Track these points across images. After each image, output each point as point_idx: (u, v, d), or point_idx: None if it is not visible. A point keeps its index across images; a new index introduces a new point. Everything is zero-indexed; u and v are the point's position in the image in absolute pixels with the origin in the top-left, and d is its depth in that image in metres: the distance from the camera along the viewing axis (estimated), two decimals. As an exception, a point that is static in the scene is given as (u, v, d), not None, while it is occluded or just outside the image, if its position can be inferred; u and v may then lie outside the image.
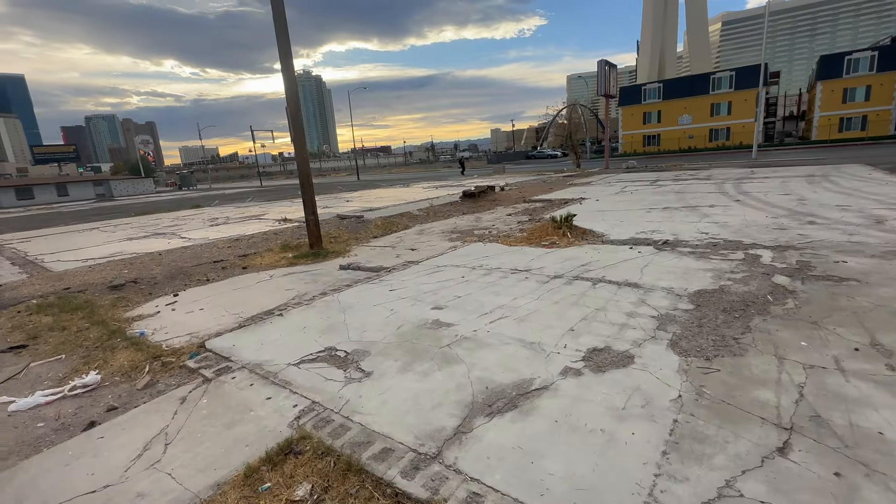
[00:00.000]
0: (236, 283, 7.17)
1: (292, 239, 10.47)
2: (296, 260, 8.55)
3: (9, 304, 6.46)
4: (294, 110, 8.49)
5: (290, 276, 7.31)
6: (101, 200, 45.26)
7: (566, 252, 6.83)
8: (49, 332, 5.24)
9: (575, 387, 2.96)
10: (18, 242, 13.61)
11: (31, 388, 3.87)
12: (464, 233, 10.09)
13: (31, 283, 7.72)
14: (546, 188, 18.93)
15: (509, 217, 11.90)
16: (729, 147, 53.74)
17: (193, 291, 6.90)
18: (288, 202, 22.03)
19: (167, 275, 7.86)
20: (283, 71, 8.40)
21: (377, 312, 4.73)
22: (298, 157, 8.75)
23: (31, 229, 18.08)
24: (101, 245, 11.54)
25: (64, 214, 26.61)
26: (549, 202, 14.07)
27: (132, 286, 7.28)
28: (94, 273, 8.06)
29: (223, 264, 8.50)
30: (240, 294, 6.39)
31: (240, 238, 10.80)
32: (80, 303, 6.37)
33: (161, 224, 15.78)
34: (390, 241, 9.85)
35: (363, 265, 7.34)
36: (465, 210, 14.22)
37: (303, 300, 5.60)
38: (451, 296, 5.07)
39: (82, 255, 10.20)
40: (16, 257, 10.82)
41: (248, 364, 3.72)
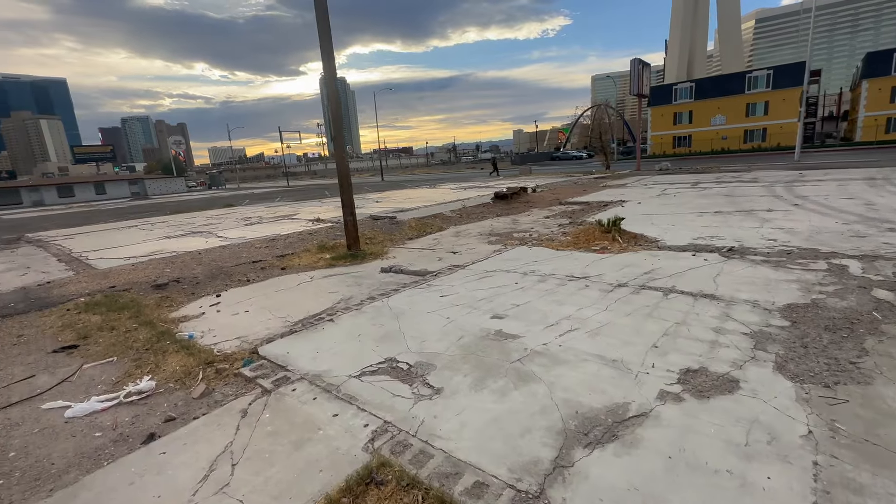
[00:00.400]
0: (277, 284, 7.06)
1: (328, 239, 10.36)
2: (334, 261, 8.41)
3: (58, 302, 6.50)
4: (335, 109, 8.36)
5: (331, 278, 7.15)
6: (136, 199, 46.81)
7: (622, 258, 6.43)
8: (99, 331, 5.19)
9: (679, 415, 2.62)
10: (63, 239, 13.99)
11: (86, 391, 3.76)
12: (502, 235, 9.78)
13: (77, 280, 7.80)
14: (579, 190, 18.41)
15: (547, 220, 11.52)
16: (765, 149, 51.66)
17: (235, 292, 6.82)
18: (317, 202, 22.14)
19: (208, 274, 7.83)
20: (324, 70, 8.28)
21: (432, 320, 4.47)
22: (337, 157, 8.61)
23: (73, 226, 18.66)
24: (141, 243, 11.71)
25: (103, 212, 27.51)
26: (587, 205, 13.60)
27: (175, 285, 7.25)
28: (138, 271, 8.09)
29: (262, 265, 8.42)
30: (283, 296, 6.25)
31: (275, 238, 10.76)
32: (126, 302, 6.35)
33: (196, 223, 16.00)
34: (427, 244, 9.62)
35: (406, 268, 7.11)
36: (499, 212, 13.89)
37: (350, 305, 5.40)
38: (509, 304, 4.77)
39: (124, 252, 10.34)
40: (61, 254, 11.07)
41: (307, 375, 3.51)
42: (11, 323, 5.70)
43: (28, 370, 4.28)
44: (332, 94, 8.32)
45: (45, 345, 4.93)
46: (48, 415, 3.39)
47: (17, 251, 12.29)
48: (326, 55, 8.17)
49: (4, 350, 4.84)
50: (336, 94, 8.38)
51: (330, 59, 8.21)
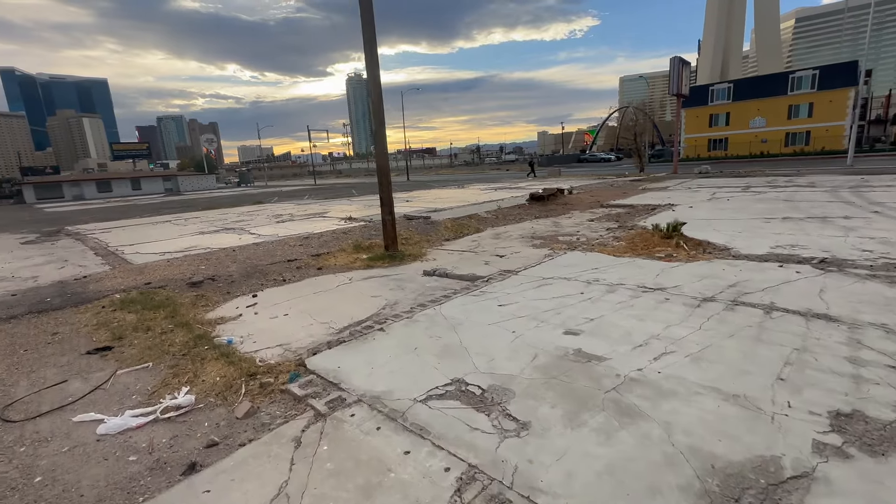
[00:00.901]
0: (315, 285, 6.68)
1: (363, 239, 9.99)
2: (372, 262, 8.01)
3: (93, 298, 6.29)
4: (376, 104, 7.96)
5: (371, 280, 6.73)
6: (169, 195, 48.07)
7: (695, 268, 5.77)
8: (133, 332, 4.90)
9: (856, 480, 2.03)
10: (100, 233, 14.13)
11: (120, 402, 3.41)
12: (547, 239, 9.18)
13: (113, 275, 7.63)
14: (618, 193, 17.57)
15: (592, 223, 10.84)
16: (808, 153, 49.12)
17: (271, 292, 6.48)
18: (346, 201, 21.96)
19: (243, 273, 7.54)
20: (367, 66, 7.88)
21: (496, 334, 3.96)
22: (378, 153, 8.21)
23: (110, 220, 18.99)
24: (176, 238, 11.62)
25: (138, 207, 28.13)
26: (631, 208, 12.84)
27: (210, 284, 6.97)
28: (173, 268, 7.88)
29: (297, 264, 8.09)
30: (323, 299, 5.86)
31: (309, 236, 10.47)
32: (161, 300, 6.08)
33: (228, 219, 15.97)
34: (467, 246, 9.12)
35: (451, 272, 6.62)
36: (537, 214, 13.27)
37: (398, 311, 4.94)
38: (581, 317, 4.22)
39: (159, 248, 10.23)
40: (98, 247, 11.07)
41: (365, 396, 3.05)
42: (47, 319, 5.48)
43: (61, 374, 3.98)
44: (375, 88, 7.92)
45: (80, 345, 4.66)
46: (79, 430, 3.04)
47: (56, 244, 12.42)
48: (369, 49, 7.77)
49: (38, 349, 4.58)
50: (378, 88, 7.98)
51: (373, 48, 7.81)
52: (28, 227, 18.12)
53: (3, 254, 11.08)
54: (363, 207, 17.12)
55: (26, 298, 6.46)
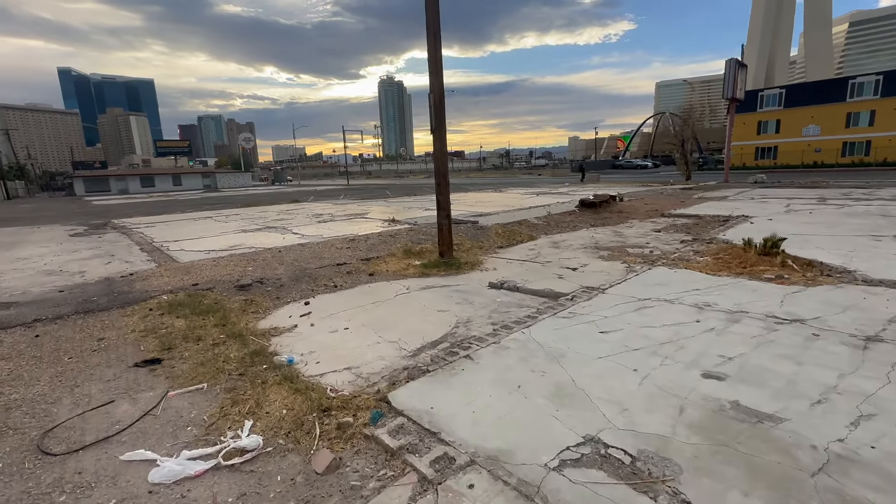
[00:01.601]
0: (370, 293, 6.12)
1: (412, 243, 9.40)
2: (426, 269, 7.39)
3: (140, 299, 5.91)
4: (437, 99, 7.36)
5: (432, 291, 6.11)
6: (207, 191, 49.32)
7: (825, 294, 4.85)
8: (184, 341, 4.42)
9: None
10: (145, 227, 14.15)
11: (173, 434, 2.88)
12: (613, 250, 8.35)
13: (159, 273, 7.30)
14: (674, 201, 16.42)
15: (660, 234, 9.90)
16: (869, 163, 45.92)
17: (324, 299, 5.95)
18: (382, 202, 21.57)
19: (292, 276, 7.06)
20: (430, 66, 7.31)
21: (614, 372, 3.23)
22: (437, 154, 7.60)
23: (153, 214, 19.23)
24: (219, 236, 11.38)
25: (180, 202, 28.70)
26: (698, 218, 11.78)
27: (258, 287, 6.52)
28: (219, 268, 7.49)
29: (347, 268, 7.57)
30: (383, 311, 5.26)
31: (355, 238, 9.97)
32: (210, 304, 5.63)
33: (268, 217, 15.77)
34: (525, 254, 8.40)
35: (522, 286, 5.91)
36: (591, 222, 12.39)
37: (477, 332, 4.28)
38: (713, 355, 3.43)
39: (203, 245, 9.96)
40: (143, 242, 10.93)
41: (478, 455, 2.38)
42: (94, 322, 5.10)
43: (107, 390, 3.51)
44: (437, 84, 7.32)
45: (127, 354, 4.21)
46: (128, 473, 2.50)
47: (103, 237, 12.43)
48: (433, 42, 7.19)
49: (84, 358, 4.15)
50: (440, 83, 7.38)
51: (436, 40, 7.23)
52: (77, 219, 18.53)
53: (53, 245, 11.10)
54: (403, 209, 16.62)
55: (73, 296, 6.15)
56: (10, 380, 3.74)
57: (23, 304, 5.82)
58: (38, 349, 4.36)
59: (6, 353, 4.27)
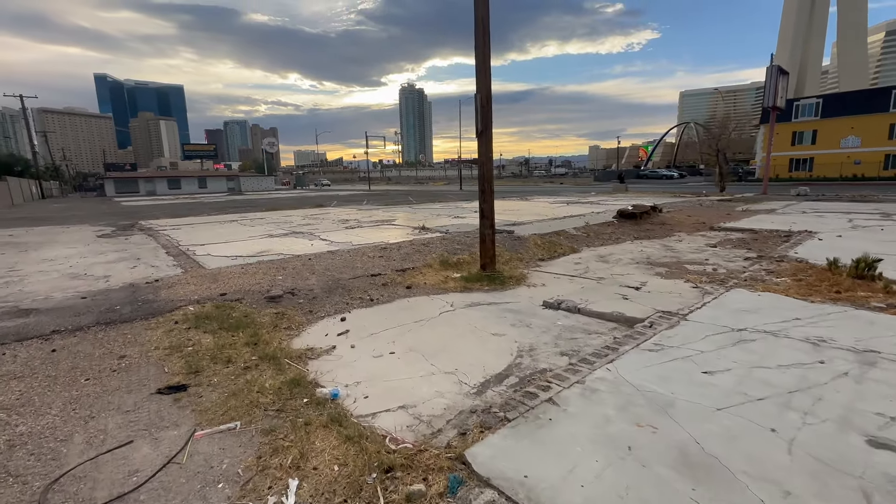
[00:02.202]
0: (411, 309, 5.55)
1: (448, 254, 8.83)
2: (469, 284, 6.80)
3: (165, 309, 5.47)
4: (485, 100, 6.81)
5: (479, 309, 5.50)
6: (232, 194, 49.98)
7: (959, 330, 4.06)
8: (212, 363, 3.92)
9: None
10: (171, 229, 13.97)
11: (202, 495, 2.33)
12: (670, 267, 7.61)
13: (185, 281, 6.89)
14: (719, 214, 15.48)
15: (716, 249, 9.09)
16: (915, 177, 43.51)
17: (361, 315, 5.41)
18: (407, 208, 21.13)
19: (324, 287, 6.55)
20: (476, 59, 6.77)
21: (747, 432, 2.55)
22: (482, 157, 7.04)
23: (179, 216, 19.20)
24: (245, 241, 11.03)
25: (205, 205, 28.90)
26: (753, 233, 10.89)
27: (290, 299, 6.02)
28: (248, 276, 7.04)
29: (382, 279, 7.03)
30: (429, 332, 4.69)
31: (386, 247, 9.46)
32: (239, 317, 5.15)
33: (294, 222, 15.46)
34: (572, 269, 7.73)
35: (582, 307, 5.25)
36: (635, 234, 11.62)
37: (547, 363, 3.66)
38: (869, 412, 2.72)
39: (229, 250, 9.59)
40: (169, 245, 10.66)
41: (609, 561, 1.75)
42: (115, 335, 4.66)
43: (125, 425, 3.00)
44: (484, 85, 6.78)
45: (149, 377, 3.72)
46: (146, 553, 1.96)
47: (130, 239, 12.25)
48: (482, 32, 6.66)
49: (102, 380, 3.68)
50: (488, 85, 6.83)
51: (486, 39, 6.69)
52: (105, 220, 18.62)
53: (80, 247, 10.92)
54: (431, 216, 16.10)
55: (96, 304, 5.76)
56: (20, 405, 3.28)
57: (43, 312, 5.45)
58: (53, 367, 3.91)
59: (19, 370, 3.84)
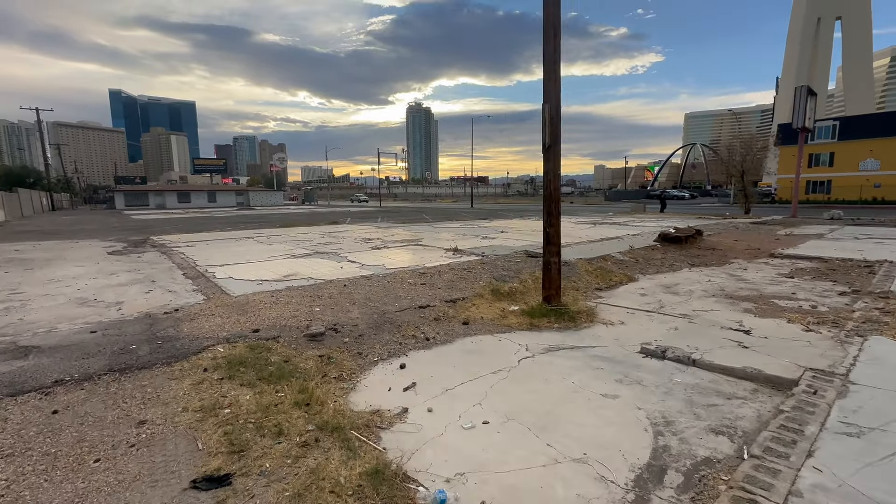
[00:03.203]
0: (477, 353, 4.65)
1: (497, 282, 7.93)
2: (535, 320, 5.87)
3: (190, 350, 4.58)
4: (554, 112, 6.01)
5: (562, 355, 4.58)
6: (241, 208, 49.58)
7: None
8: (258, 435, 3.01)
9: None
10: (185, 246, 13.19)
11: None
12: (755, 301, 6.67)
13: (209, 311, 6.01)
14: (766, 239, 14.54)
15: (795, 281, 8.14)
16: (938, 202, 42.47)
17: (421, 359, 4.51)
18: (426, 226, 20.34)
19: (370, 322, 5.66)
20: (545, 63, 6.02)
21: None
22: (548, 174, 6.20)
23: (192, 231, 18.48)
24: (267, 261, 10.20)
25: (216, 219, 28.28)
26: (821, 260, 9.94)
27: (333, 337, 5.13)
28: (280, 307, 6.16)
29: (432, 313, 6.13)
30: (518, 390, 3.77)
31: (425, 272, 8.57)
32: (279, 362, 4.26)
33: (314, 240, 14.65)
34: (641, 301, 6.80)
35: (698, 358, 4.31)
36: (688, 260, 10.69)
37: (705, 449, 2.72)
38: None
39: (252, 272, 8.74)
40: (186, 265, 9.83)
41: None
42: (132, 388, 3.76)
43: (151, 550, 2.08)
44: (555, 92, 6.00)
45: (178, 456, 2.81)
46: None
47: (142, 257, 11.45)
48: (552, 34, 5.91)
49: (117, 462, 2.77)
50: (558, 92, 6.05)
51: (556, 41, 5.94)
52: (115, 235, 17.92)
53: (89, 265, 10.12)
54: (457, 236, 15.25)
55: (108, 341, 4.88)
56: (5, 506, 2.37)
57: (45, 352, 4.57)
58: (54, 438, 3.01)
59: (9, 444, 2.94)
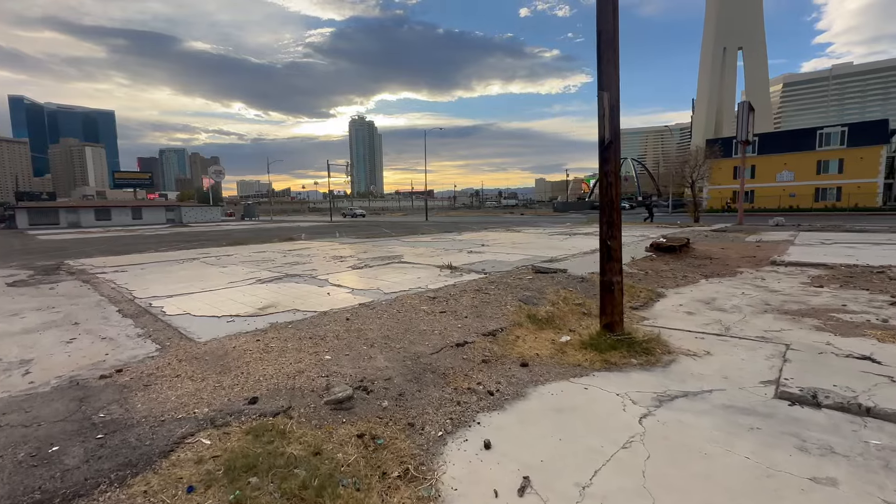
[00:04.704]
0: (574, 413, 3.43)
1: (527, 305, 6.75)
2: (606, 355, 4.75)
3: (157, 450, 2.90)
4: (615, 101, 5.03)
5: (689, 409, 3.48)
6: (174, 226, 44.81)
7: None
8: None
9: None
10: (113, 272, 10.75)
11: None
12: (815, 317, 6.06)
13: (172, 368, 4.24)
14: (748, 246, 14.71)
15: (828, 290, 7.75)
16: (842, 208, 47.79)
17: (501, 428, 3.22)
18: (395, 241, 18.85)
19: (404, 371, 4.23)
20: (602, 39, 5.05)
21: None
22: (607, 175, 5.18)
23: (119, 253, 15.60)
24: (229, 288, 8.29)
25: (146, 238, 24.77)
26: (828, 267, 9.84)
27: (363, 399, 3.66)
28: (274, 356, 4.52)
29: (475, 351, 4.83)
30: (681, 476, 2.59)
31: (435, 296, 7.20)
32: (307, 458, 2.76)
33: (276, 260, 12.67)
34: (701, 322, 5.96)
35: (871, 405, 3.37)
36: (696, 271, 10.21)
37: None
38: None
39: (215, 304, 6.89)
40: (120, 298, 7.67)
41: None
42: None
43: None
44: (615, 77, 5.03)
45: None
46: None
47: (57, 288, 8.99)
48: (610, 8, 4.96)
49: None
50: (617, 78, 5.09)
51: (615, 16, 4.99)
52: (19, 259, 14.64)
53: (-21, 303, 7.63)
54: (440, 251, 13.97)
55: (9, 441, 3.04)
56: None
57: None
58: None
59: None
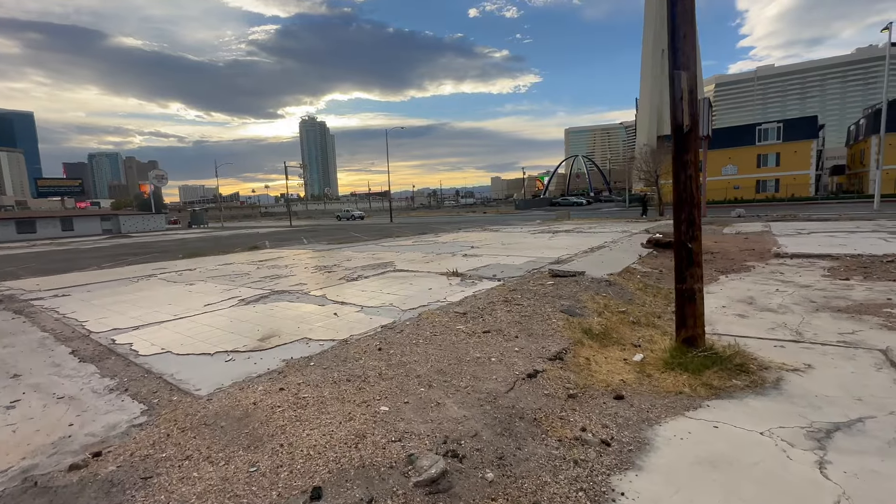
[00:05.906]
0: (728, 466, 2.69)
1: (578, 318, 5.97)
2: (703, 378, 4.06)
3: None
4: (692, 81, 4.35)
5: (867, 452, 2.82)
6: (113, 236, 40.61)
7: None
8: None
9: None
10: (53, 297, 8.92)
11: None
12: (871, 313, 5.76)
13: (176, 446, 3.04)
14: (737, 239, 14.87)
15: (860, 285, 7.59)
16: (780, 199, 51.50)
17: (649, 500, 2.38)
18: (372, 245, 17.63)
19: (488, 423, 3.31)
20: (674, 13, 4.35)
21: None
22: (689, 170, 4.49)
23: (54, 272, 13.35)
24: (207, 312, 6.93)
25: (85, 252, 21.88)
26: (834, 258, 9.87)
27: (458, 472, 2.71)
28: (312, 412, 3.42)
29: (551, 383, 4.01)
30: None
31: (465, 312, 6.25)
32: None
33: (250, 273, 11.18)
34: (765, 327, 5.46)
35: None
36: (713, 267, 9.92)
37: None
38: None
39: (198, 338, 5.57)
40: (71, 335, 6.12)
41: None
42: None
43: None
44: (693, 56, 4.35)
45: None
46: None
47: (-21, 324, 7.17)
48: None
49: None
50: (696, 56, 4.41)
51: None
52: (-79, 287, 12.08)
53: None
54: (431, 256, 13.00)
55: None
56: None
57: None
58: None
59: None
